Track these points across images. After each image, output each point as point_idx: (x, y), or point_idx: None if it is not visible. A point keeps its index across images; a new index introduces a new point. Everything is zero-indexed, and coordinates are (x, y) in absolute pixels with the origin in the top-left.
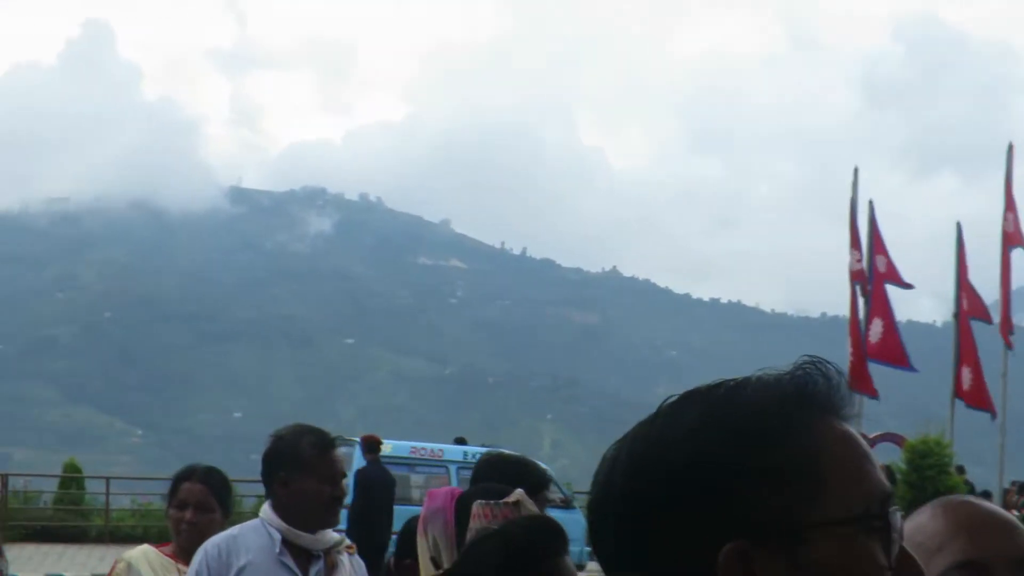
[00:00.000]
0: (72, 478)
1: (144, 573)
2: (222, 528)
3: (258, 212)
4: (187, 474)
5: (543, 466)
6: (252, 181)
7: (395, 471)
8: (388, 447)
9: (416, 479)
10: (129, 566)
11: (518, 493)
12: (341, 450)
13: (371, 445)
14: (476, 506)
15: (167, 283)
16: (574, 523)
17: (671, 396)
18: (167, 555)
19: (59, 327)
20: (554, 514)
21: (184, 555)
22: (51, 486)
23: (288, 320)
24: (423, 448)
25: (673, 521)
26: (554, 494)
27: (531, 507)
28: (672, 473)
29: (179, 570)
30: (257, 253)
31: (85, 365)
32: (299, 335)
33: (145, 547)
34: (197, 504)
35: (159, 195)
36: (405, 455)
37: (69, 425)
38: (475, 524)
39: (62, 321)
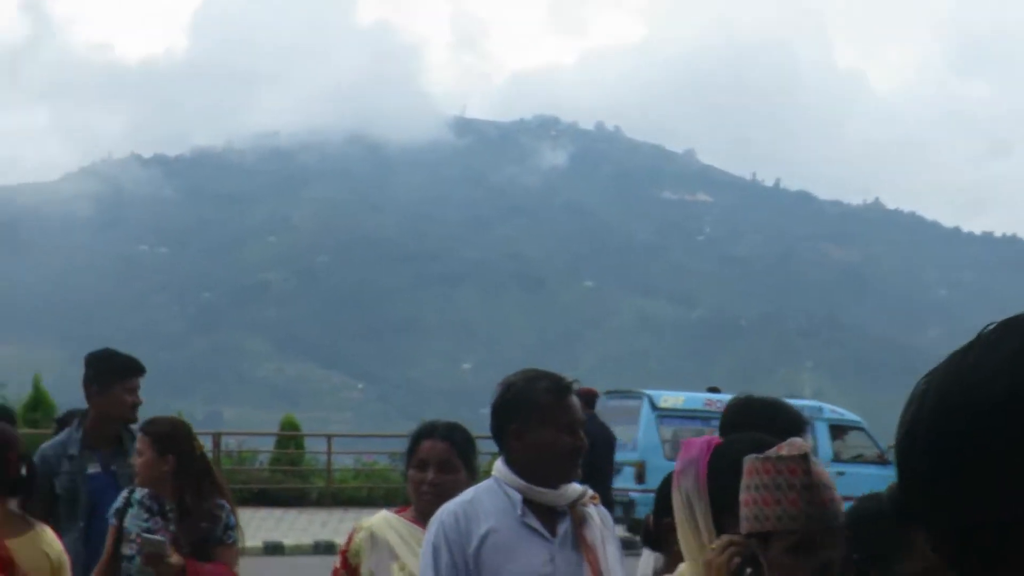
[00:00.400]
0: (290, 437)
1: (391, 541)
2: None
3: (485, 144)
4: (428, 431)
5: (834, 408)
6: (477, 110)
7: (689, 425)
8: (680, 399)
9: (710, 434)
10: (372, 535)
11: (800, 444)
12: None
13: (588, 399)
14: (750, 462)
15: (387, 222)
16: (888, 481)
17: (989, 324)
18: (410, 520)
19: (270, 272)
20: (867, 471)
21: (426, 520)
22: (267, 445)
23: (519, 260)
24: (718, 401)
25: (990, 460)
26: (868, 448)
27: (817, 461)
28: (989, 407)
29: None
30: (484, 188)
31: (299, 313)
32: (532, 277)
33: (385, 513)
34: (439, 464)
35: (377, 127)
36: (699, 407)
37: (283, 379)
38: (750, 481)
39: (274, 266)
